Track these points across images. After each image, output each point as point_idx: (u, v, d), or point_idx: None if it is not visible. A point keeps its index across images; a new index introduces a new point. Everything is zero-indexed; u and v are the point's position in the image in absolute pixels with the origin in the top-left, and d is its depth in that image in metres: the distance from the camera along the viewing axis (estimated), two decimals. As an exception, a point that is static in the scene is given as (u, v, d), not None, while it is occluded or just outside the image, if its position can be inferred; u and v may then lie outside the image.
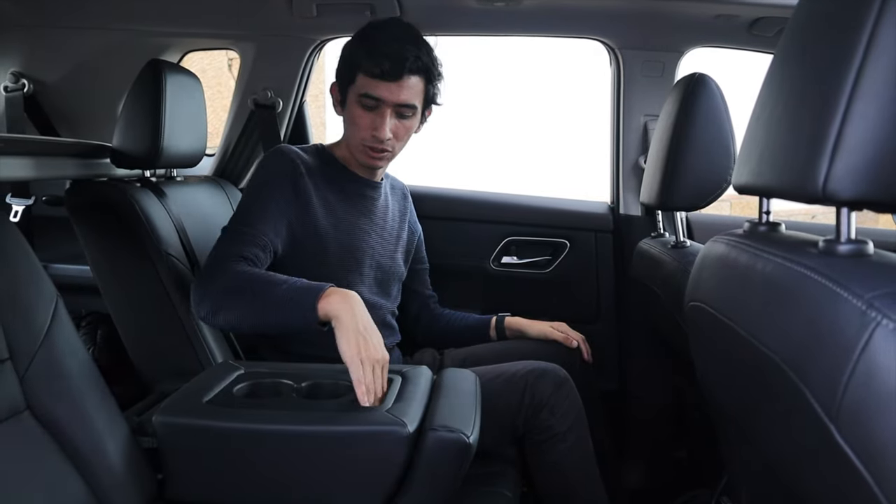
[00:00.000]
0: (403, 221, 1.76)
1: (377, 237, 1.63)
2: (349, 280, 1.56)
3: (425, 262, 1.90)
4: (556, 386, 1.44)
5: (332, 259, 1.54)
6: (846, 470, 0.54)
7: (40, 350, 1.00)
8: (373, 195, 1.64)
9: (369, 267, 1.61)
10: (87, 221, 1.60)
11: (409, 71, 1.45)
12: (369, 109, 1.48)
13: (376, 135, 1.48)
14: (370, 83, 1.46)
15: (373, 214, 1.63)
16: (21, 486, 0.93)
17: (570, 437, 1.44)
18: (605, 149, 2.20)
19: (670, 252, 1.50)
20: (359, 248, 1.58)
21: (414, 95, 1.48)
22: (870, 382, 0.52)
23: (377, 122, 1.48)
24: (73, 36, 2.08)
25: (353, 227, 1.57)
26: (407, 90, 1.47)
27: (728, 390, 0.89)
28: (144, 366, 1.67)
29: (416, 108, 1.50)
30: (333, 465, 1.07)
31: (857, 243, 0.65)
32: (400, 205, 1.77)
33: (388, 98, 1.46)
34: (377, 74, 1.45)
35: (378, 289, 1.64)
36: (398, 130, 1.51)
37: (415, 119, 1.53)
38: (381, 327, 1.60)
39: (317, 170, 1.55)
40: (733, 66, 2.05)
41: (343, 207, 1.57)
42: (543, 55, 4.51)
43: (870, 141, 0.58)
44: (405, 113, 1.49)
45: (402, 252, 1.74)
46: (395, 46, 1.44)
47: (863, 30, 0.59)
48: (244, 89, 2.16)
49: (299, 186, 1.50)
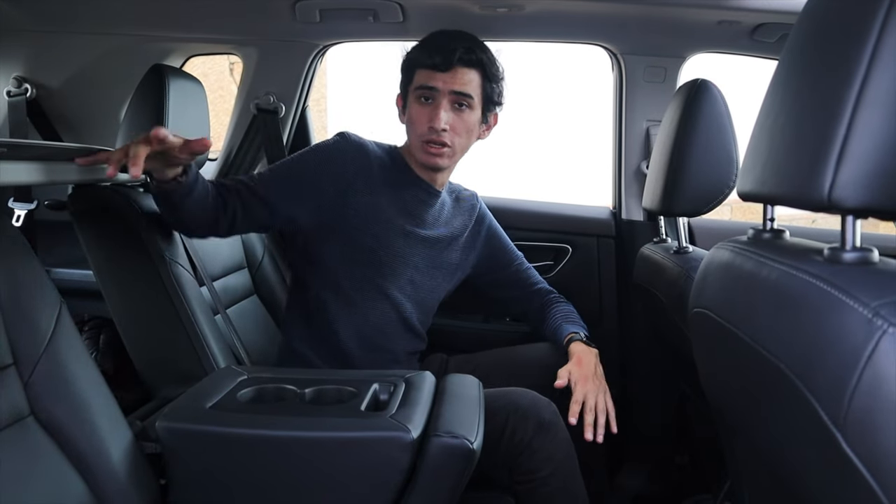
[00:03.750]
0: (462, 232, 1.72)
1: (419, 242, 1.62)
2: (381, 277, 1.57)
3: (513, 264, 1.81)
4: (538, 428, 1.36)
5: (362, 253, 1.55)
6: (852, 477, 0.54)
7: (44, 355, 1.00)
8: (428, 200, 1.63)
9: (404, 268, 1.60)
10: (89, 226, 1.60)
11: (460, 62, 1.50)
12: (426, 102, 1.52)
13: (433, 125, 1.51)
14: (425, 75, 1.52)
15: (423, 219, 1.63)
16: (24, 491, 0.93)
17: (552, 481, 1.36)
18: (607, 154, 2.20)
19: (673, 257, 1.50)
20: (396, 248, 1.58)
21: (469, 86, 1.52)
22: (876, 390, 0.52)
23: (433, 113, 1.51)
24: (77, 40, 2.08)
25: (394, 227, 1.57)
26: (461, 80, 1.51)
27: (732, 397, 0.89)
28: (147, 371, 1.67)
29: (473, 99, 1.52)
30: (337, 470, 1.06)
31: (863, 251, 0.65)
32: (464, 217, 1.74)
33: (442, 87, 1.50)
34: (430, 66, 1.51)
35: (412, 292, 1.63)
36: (455, 124, 1.52)
37: (473, 114, 1.54)
38: (405, 331, 1.63)
39: (378, 162, 1.57)
40: (736, 72, 2.05)
41: (391, 206, 1.57)
42: (546, 61, 4.52)
43: (875, 149, 0.58)
44: (461, 103, 1.52)
45: (453, 264, 1.71)
46: (447, 41, 1.52)
47: (868, 38, 0.59)
48: (247, 94, 2.17)
49: (349, 179, 1.53)
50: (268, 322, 1.92)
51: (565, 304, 1.75)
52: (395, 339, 1.62)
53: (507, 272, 1.80)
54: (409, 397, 1.17)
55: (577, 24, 1.92)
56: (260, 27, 2.01)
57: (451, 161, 1.59)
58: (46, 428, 0.99)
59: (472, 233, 1.75)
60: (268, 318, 1.93)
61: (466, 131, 1.55)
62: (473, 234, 1.75)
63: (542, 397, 1.42)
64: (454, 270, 1.72)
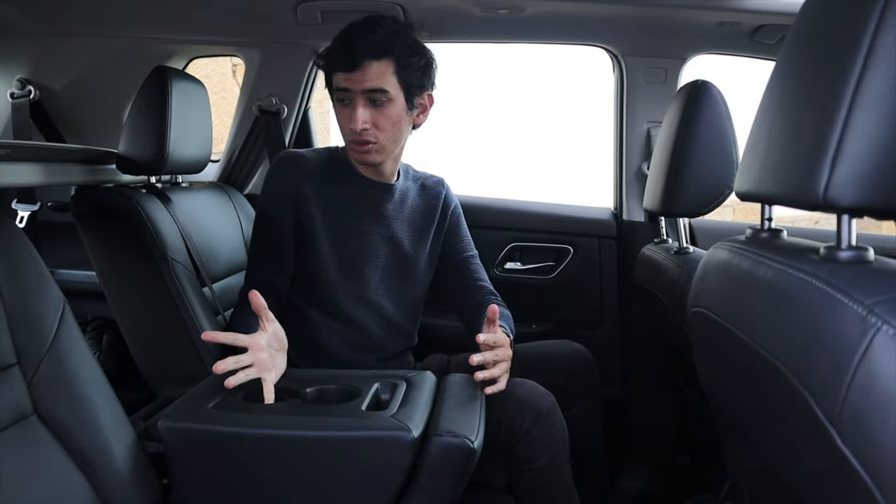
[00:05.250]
0: (428, 225, 1.69)
1: (383, 240, 1.60)
2: (353, 282, 1.56)
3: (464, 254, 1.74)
4: (537, 417, 1.37)
5: (329, 262, 1.54)
6: (847, 474, 0.55)
7: (47, 355, 1.00)
8: (380, 196, 1.61)
9: (374, 269, 1.59)
10: (92, 227, 1.61)
11: (366, 56, 1.44)
12: (344, 105, 1.49)
13: (352, 126, 1.47)
14: (338, 77, 1.47)
15: (381, 216, 1.60)
16: (27, 490, 0.94)
17: (549, 470, 1.38)
18: (608, 155, 2.20)
19: (673, 258, 1.51)
20: (358, 250, 1.57)
21: (380, 79, 1.45)
22: (870, 387, 0.53)
23: (351, 114, 1.48)
24: (80, 43, 2.10)
25: (350, 230, 1.56)
26: (371, 76, 1.45)
27: (731, 395, 0.90)
28: (150, 371, 1.68)
29: (388, 91, 1.47)
30: (338, 469, 1.07)
31: (858, 250, 0.65)
32: (428, 205, 1.70)
33: (354, 87, 1.46)
34: (339, 68, 1.46)
35: (387, 292, 1.61)
36: (377, 120, 1.48)
37: (393, 105, 1.48)
38: (391, 331, 1.62)
39: (321, 173, 1.56)
40: (736, 73, 2.05)
41: (343, 209, 1.56)
42: (546, 62, 4.52)
43: (870, 149, 0.59)
44: (378, 99, 1.47)
45: (426, 255, 1.68)
46: (349, 38, 1.46)
47: (863, 39, 0.59)
48: (249, 95, 2.17)
49: (299, 197, 1.52)
50: (270, 323, 1.92)
51: (502, 308, 1.65)
52: (381, 339, 1.61)
53: (456, 261, 1.73)
54: (409, 397, 1.18)
55: (578, 25, 1.93)
56: (262, 29, 2.02)
57: (384, 155, 1.54)
58: (50, 427, 0.99)
59: (440, 219, 1.71)
60: (270, 318, 1.93)
61: (391, 124, 1.50)
62: (441, 220, 1.71)
63: (540, 387, 1.43)
64: (428, 261, 1.69)
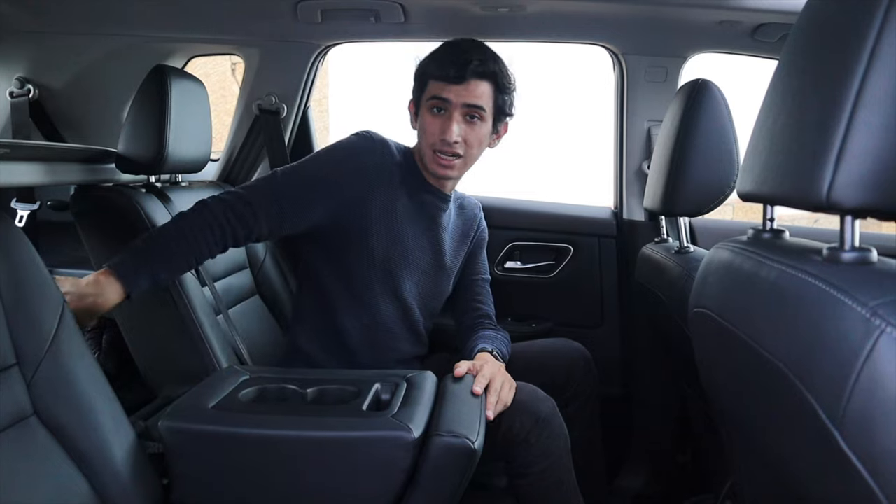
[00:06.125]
0: (464, 242, 1.74)
1: (430, 247, 1.63)
2: (392, 280, 1.58)
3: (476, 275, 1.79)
4: (536, 421, 1.36)
5: (377, 258, 1.55)
6: (850, 476, 0.55)
7: (47, 355, 1.00)
8: (438, 206, 1.64)
9: (414, 272, 1.61)
10: (92, 226, 1.61)
11: (473, 74, 1.49)
12: (438, 113, 1.52)
13: (445, 137, 1.50)
14: (438, 86, 1.51)
15: (435, 224, 1.64)
16: (27, 491, 0.94)
17: (548, 476, 1.38)
18: (608, 154, 2.20)
19: (674, 257, 1.51)
20: (407, 251, 1.58)
21: (481, 98, 1.51)
22: (874, 389, 0.53)
23: (445, 124, 1.51)
24: (79, 41, 2.09)
25: (406, 234, 1.58)
26: (473, 92, 1.50)
27: (732, 396, 0.89)
28: (150, 371, 1.68)
29: (485, 111, 1.52)
30: (339, 470, 1.07)
31: (861, 251, 0.65)
32: (465, 225, 1.75)
33: (455, 99, 1.50)
34: (444, 78, 1.50)
35: (418, 296, 1.64)
36: (468, 136, 1.52)
37: (484, 125, 1.54)
38: (409, 333, 1.64)
39: (396, 164, 1.57)
40: (736, 72, 2.05)
41: (404, 212, 1.57)
42: (547, 61, 4.51)
43: (873, 150, 0.59)
44: (473, 115, 1.51)
45: (458, 269, 1.73)
46: (461, 53, 1.50)
47: (866, 39, 0.59)
48: (248, 94, 2.17)
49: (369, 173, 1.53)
50: (270, 322, 1.93)
51: (497, 331, 1.67)
52: (400, 340, 1.63)
53: (466, 280, 1.77)
54: (410, 397, 1.17)
55: (579, 24, 1.92)
56: (261, 28, 2.02)
57: (462, 171, 1.59)
58: (49, 427, 0.99)
59: (472, 240, 1.76)
60: (270, 318, 1.94)
61: (478, 142, 1.55)
62: (472, 241, 1.76)
63: (541, 392, 1.42)
64: (453, 275, 1.73)
